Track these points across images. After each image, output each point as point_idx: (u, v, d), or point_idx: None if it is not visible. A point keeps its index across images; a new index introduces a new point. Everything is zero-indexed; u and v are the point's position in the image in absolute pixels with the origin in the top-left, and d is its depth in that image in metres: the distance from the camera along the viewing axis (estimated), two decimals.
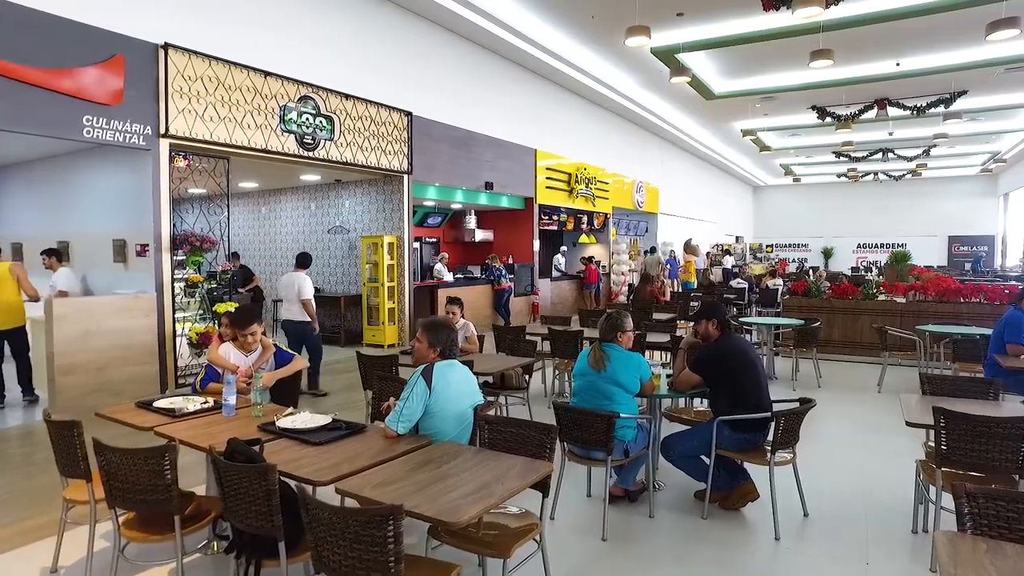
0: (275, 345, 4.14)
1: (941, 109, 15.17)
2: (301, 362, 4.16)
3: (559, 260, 16.53)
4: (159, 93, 6.80)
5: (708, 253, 22.62)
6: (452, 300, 5.55)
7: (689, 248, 17.48)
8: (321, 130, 8.75)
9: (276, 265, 12.41)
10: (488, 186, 12.08)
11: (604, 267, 17.00)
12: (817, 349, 7.42)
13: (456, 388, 3.05)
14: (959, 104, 14.88)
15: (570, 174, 14.75)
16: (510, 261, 13.42)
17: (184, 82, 7.00)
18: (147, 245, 7.17)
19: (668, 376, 4.11)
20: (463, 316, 5.61)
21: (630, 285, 16.70)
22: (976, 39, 11.01)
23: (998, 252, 28.95)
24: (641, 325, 6.91)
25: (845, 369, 8.40)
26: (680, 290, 16.80)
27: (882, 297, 9.22)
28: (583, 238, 17.01)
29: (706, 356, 3.73)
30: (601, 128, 16.28)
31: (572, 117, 14.90)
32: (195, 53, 7.08)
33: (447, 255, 13.41)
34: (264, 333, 4.05)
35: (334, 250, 11.37)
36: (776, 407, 3.71)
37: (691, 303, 10.32)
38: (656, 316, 8.22)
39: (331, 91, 8.86)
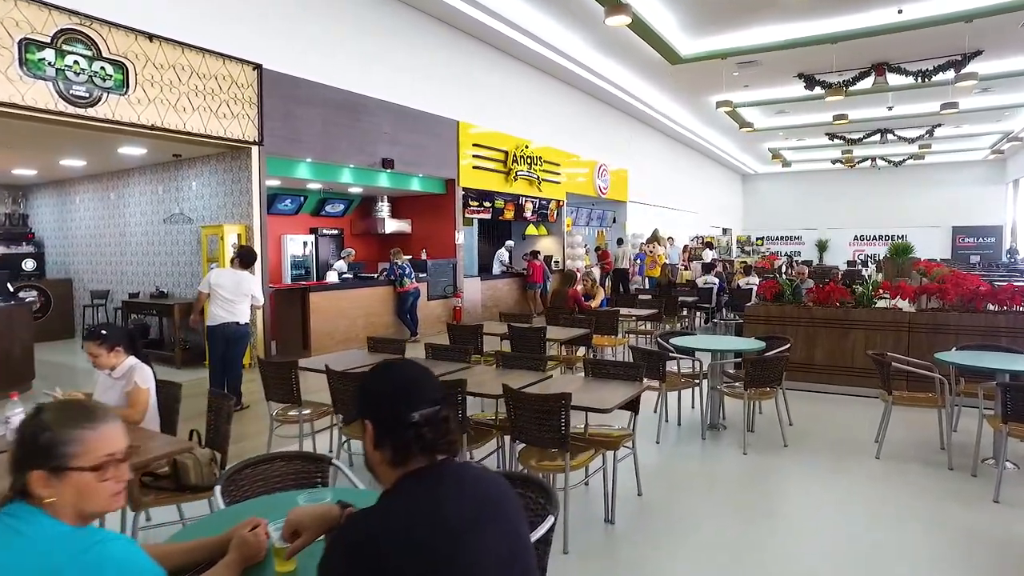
0: None
1: (950, 75, 12.72)
2: None
3: (503, 255, 14.11)
4: None
5: (686, 246, 20.18)
6: (91, 334, 3.10)
7: (655, 238, 15.02)
8: (103, 80, 6.29)
9: (126, 264, 9.96)
10: (387, 164, 9.63)
11: (557, 263, 14.57)
12: (785, 378, 5.00)
13: None
14: (971, 67, 12.40)
15: (507, 152, 12.29)
16: (424, 256, 10.97)
17: None
18: None
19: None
20: (129, 352, 3.16)
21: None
22: None
23: (1006, 244, 26.59)
24: (520, 343, 4.49)
25: (829, 409, 5.97)
26: (645, 286, 14.46)
27: (881, 303, 6.80)
28: (531, 229, 14.56)
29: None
30: (550, 100, 13.81)
31: (510, 85, 12.44)
32: None
33: (352, 251, 10.97)
34: None
35: (183, 245, 8.92)
36: None
37: (612, 310, 7.86)
38: (556, 333, 5.77)
39: (118, 26, 6.39)
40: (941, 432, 4.55)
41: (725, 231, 28.91)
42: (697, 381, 5.07)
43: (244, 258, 6.20)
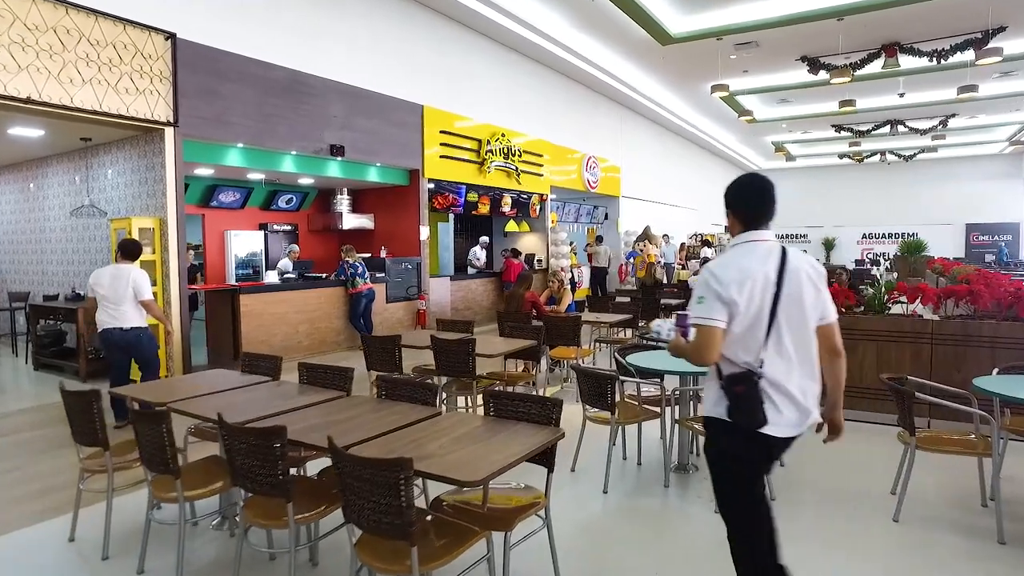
0: None
1: (969, 55, 11.55)
2: None
3: (478, 253, 13.07)
4: None
5: (683, 244, 19.03)
6: None
7: (647, 236, 13.91)
8: None
9: (46, 263, 8.96)
10: (336, 151, 8.58)
11: (540, 261, 13.48)
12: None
13: None
14: (993, 44, 11.21)
15: (480, 141, 11.20)
16: (383, 254, 9.90)
17: None
18: None
19: None
20: None
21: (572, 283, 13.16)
22: None
23: (1023, 241, 25.29)
24: (447, 359, 3.41)
25: (831, 443, 4.83)
26: (636, 287, 13.37)
27: (896, 309, 5.67)
28: (511, 225, 13.49)
29: None
30: (532, 86, 12.72)
31: (485, 68, 11.36)
32: None
33: (297, 248, 9.91)
34: None
35: (100, 241, 7.89)
36: None
37: (577, 318, 6.75)
38: (500, 345, 4.69)
39: None
40: (983, 483, 3.43)
41: (726, 229, 27.73)
42: (658, 411, 3.97)
43: (125, 250, 5.40)
